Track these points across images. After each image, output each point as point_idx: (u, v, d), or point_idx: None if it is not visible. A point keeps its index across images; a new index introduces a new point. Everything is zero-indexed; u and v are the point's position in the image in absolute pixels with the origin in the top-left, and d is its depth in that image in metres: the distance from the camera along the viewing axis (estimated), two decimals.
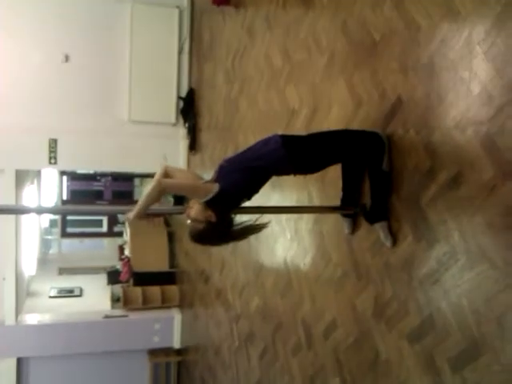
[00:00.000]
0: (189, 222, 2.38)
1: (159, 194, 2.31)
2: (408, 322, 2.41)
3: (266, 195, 3.95)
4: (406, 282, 2.42)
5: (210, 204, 2.30)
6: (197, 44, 6.64)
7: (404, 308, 2.44)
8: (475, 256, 2.00)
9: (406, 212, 2.40)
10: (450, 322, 2.14)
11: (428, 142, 2.25)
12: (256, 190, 2.44)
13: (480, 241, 1.98)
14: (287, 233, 3.72)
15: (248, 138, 4.56)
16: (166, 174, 2.46)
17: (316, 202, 3.30)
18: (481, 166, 1.97)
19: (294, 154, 2.37)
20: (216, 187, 2.31)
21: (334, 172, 3.05)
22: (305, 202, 3.44)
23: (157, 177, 2.41)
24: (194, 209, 2.30)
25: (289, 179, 3.67)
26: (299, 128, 3.51)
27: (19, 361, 7.19)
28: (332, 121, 3.10)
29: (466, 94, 2.04)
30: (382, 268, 2.60)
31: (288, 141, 2.41)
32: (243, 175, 2.36)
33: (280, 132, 3.75)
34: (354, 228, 2.84)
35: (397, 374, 2.52)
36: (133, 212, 2.34)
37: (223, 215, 2.31)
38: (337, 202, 2.83)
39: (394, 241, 2.49)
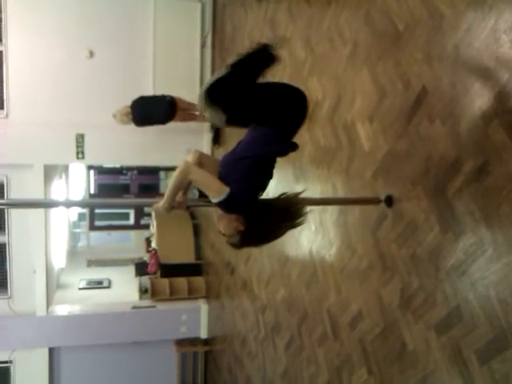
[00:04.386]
0: (223, 236, 2.32)
1: (185, 177, 2.20)
2: (435, 313, 2.41)
3: (290, 187, 3.96)
4: (432, 273, 2.41)
5: (221, 207, 2.21)
6: (219, 37, 6.65)
7: (431, 299, 2.44)
8: (502, 247, 1.99)
9: (433, 203, 2.39)
10: (477, 313, 2.14)
11: (454, 132, 2.23)
12: (267, 178, 2.32)
13: (507, 231, 1.96)
14: (312, 224, 3.73)
15: None
16: (200, 162, 2.35)
17: (340, 194, 3.30)
18: (507, 156, 1.95)
19: (282, 129, 2.29)
20: (227, 190, 2.17)
21: (359, 163, 3.05)
22: (329, 194, 3.44)
23: (188, 159, 2.30)
24: (222, 225, 2.25)
25: (312, 171, 3.68)
26: (323, 119, 3.51)
27: (51, 350, 7.37)
28: (356, 111, 3.09)
29: (492, 83, 2.01)
30: (409, 259, 2.59)
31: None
32: (244, 168, 2.24)
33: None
34: None
35: (423, 365, 2.52)
36: (161, 202, 2.26)
37: (249, 219, 2.22)
38: (361, 194, 2.84)
39: None
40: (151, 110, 5.87)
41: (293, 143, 2.38)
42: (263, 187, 2.33)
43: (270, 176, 2.35)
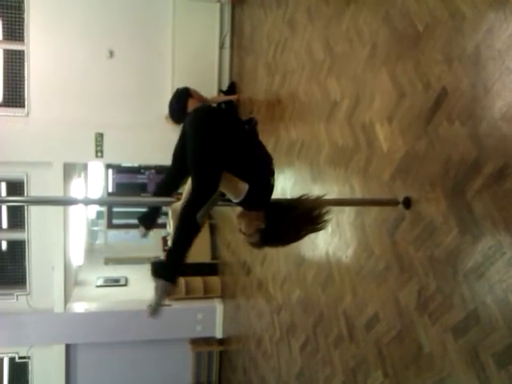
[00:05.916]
0: (244, 236, 2.34)
1: None
2: (452, 315, 2.39)
3: (307, 189, 3.96)
4: (450, 275, 2.39)
5: (244, 204, 2.24)
6: (238, 38, 6.67)
7: (448, 302, 2.41)
8: None
9: (452, 205, 2.37)
10: (495, 317, 2.11)
11: (474, 133, 2.21)
12: (268, 160, 2.35)
13: None
14: (328, 225, 3.72)
15: (289, 130, 4.57)
16: None
17: (358, 195, 3.29)
18: None
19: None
20: (247, 187, 2.24)
21: (377, 164, 3.04)
22: (346, 195, 3.43)
23: None
24: (243, 223, 2.27)
25: (330, 172, 3.67)
26: (341, 120, 3.50)
27: (68, 347, 7.45)
28: (374, 112, 3.08)
29: None
30: (426, 261, 2.57)
31: None
32: (246, 161, 2.28)
33: (322, 123, 3.76)
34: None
35: (440, 368, 2.50)
36: (180, 202, 2.30)
37: (270, 217, 2.24)
38: (379, 195, 2.82)
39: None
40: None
41: (249, 120, 2.40)
42: (271, 171, 2.33)
43: (269, 158, 2.36)
